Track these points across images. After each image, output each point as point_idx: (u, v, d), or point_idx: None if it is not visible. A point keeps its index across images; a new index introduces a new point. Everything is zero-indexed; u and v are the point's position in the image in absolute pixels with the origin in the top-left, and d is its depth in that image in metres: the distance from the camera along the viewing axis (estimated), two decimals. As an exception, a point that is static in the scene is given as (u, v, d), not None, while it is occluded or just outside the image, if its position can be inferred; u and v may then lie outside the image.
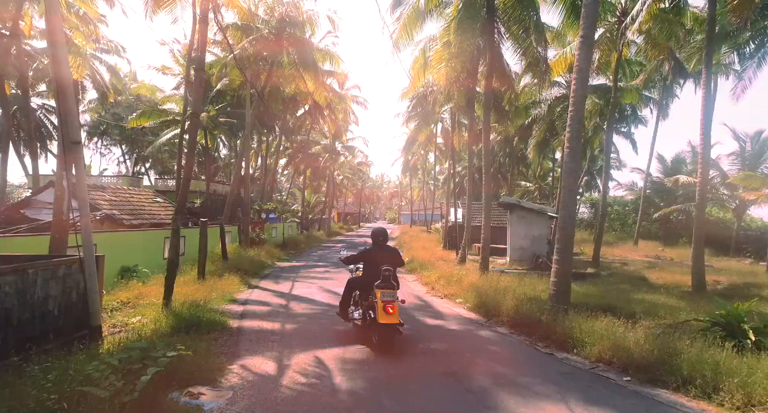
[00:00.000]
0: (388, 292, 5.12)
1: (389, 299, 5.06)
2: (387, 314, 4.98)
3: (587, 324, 5.48)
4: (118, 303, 7.64)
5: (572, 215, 6.88)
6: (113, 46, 28.38)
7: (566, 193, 6.91)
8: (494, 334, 6.18)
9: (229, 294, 8.28)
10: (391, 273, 5.32)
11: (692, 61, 17.37)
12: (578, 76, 6.85)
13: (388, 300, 5.04)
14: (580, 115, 6.81)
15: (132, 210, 14.64)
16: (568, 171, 6.87)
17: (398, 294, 5.33)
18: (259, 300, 8.08)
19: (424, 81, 20.70)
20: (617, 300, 8.73)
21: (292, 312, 7.08)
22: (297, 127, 32.65)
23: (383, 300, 5.02)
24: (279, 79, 20.83)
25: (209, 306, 7.07)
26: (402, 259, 6.20)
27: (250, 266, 12.30)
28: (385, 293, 5.10)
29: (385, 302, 5.01)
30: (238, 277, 10.11)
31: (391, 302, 5.04)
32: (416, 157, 44.89)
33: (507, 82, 16.82)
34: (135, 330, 5.91)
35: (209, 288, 8.47)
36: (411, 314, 7.35)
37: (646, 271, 14.85)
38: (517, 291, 9.11)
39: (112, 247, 9.55)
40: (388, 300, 5.05)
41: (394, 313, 5.01)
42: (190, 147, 13.85)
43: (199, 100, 14.07)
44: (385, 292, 5.11)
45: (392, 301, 5.07)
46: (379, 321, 4.98)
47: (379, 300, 5.03)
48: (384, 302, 5.01)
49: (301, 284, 10.27)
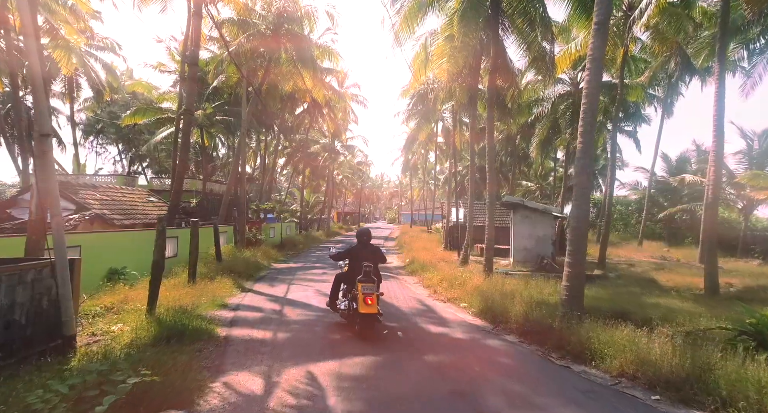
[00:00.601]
0: (368, 286, 5.64)
1: (369, 292, 5.58)
2: (366, 305, 5.52)
3: (606, 333, 5.03)
4: (101, 308, 7.19)
5: (586, 215, 6.43)
6: (108, 44, 27.99)
7: (579, 191, 6.45)
8: (503, 344, 5.72)
9: (219, 299, 7.82)
10: (371, 269, 5.82)
11: (700, 57, 16.92)
12: (592, 66, 6.39)
13: (367, 293, 5.56)
14: (593, 107, 6.35)
15: (124, 209, 14.19)
16: (581, 167, 6.41)
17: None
18: (252, 305, 7.61)
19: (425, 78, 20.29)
20: (630, 305, 8.29)
21: (286, 319, 6.61)
22: (296, 126, 32.20)
23: (363, 293, 5.55)
24: (277, 76, 20.39)
25: (197, 313, 6.62)
26: (384, 256, 6.68)
27: (245, 268, 11.84)
28: (365, 286, 5.62)
29: (365, 294, 5.54)
30: (231, 280, 9.66)
31: (370, 294, 5.57)
32: (416, 156, 44.45)
33: (510, 79, 16.40)
34: (115, 339, 5.47)
35: (199, 292, 8.02)
36: (413, 320, 6.90)
37: (654, 273, 14.41)
38: (524, 295, 8.69)
39: (99, 248, 9.10)
40: (368, 292, 5.57)
41: (372, 304, 5.55)
42: (183, 144, 13.47)
43: (192, 96, 13.67)
44: (365, 286, 5.62)
45: (371, 294, 5.59)
46: (360, 311, 5.51)
47: (360, 293, 5.55)
48: (364, 294, 5.54)
49: (297, 287, 9.81)
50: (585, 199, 6.46)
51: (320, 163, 38.40)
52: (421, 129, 28.52)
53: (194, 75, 12.92)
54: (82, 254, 8.47)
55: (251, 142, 35.06)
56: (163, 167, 32.04)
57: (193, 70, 12.85)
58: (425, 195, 52.25)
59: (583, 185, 6.42)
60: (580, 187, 6.43)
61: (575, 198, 6.47)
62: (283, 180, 48.05)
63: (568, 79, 21.13)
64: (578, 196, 6.45)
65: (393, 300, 8.72)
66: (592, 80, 6.35)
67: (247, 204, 24.13)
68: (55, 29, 12.64)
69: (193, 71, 12.82)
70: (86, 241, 8.74)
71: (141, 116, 20.22)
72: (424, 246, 20.17)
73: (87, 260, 8.62)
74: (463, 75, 15.80)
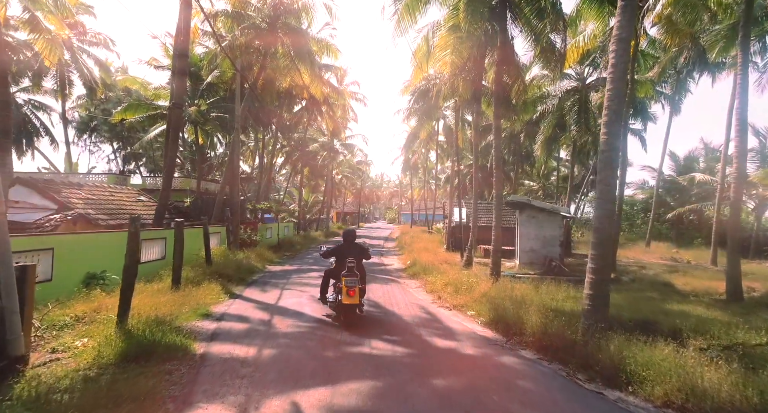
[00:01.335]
0: (350, 279, 6.23)
1: (351, 285, 6.17)
2: (349, 297, 6.15)
3: (644, 353, 4.32)
4: (71, 318, 6.48)
5: (611, 214, 5.73)
6: (102, 39, 27.29)
7: (603, 188, 5.75)
8: (521, 362, 5.02)
9: (203, 307, 7.11)
10: (355, 264, 6.52)
11: (713, 51, 16.21)
12: (618, 48, 5.69)
13: (350, 286, 6.17)
14: (620, 94, 5.65)
15: (111, 209, 13.49)
16: (605, 161, 5.71)
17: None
18: (238, 314, 6.90)
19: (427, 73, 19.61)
20: (653, 313, 7.60)
21: (274, 331, 5.90)
22: (294, 124, 31.50)
23: (346, 286, 6.17)
24: (274, 72, 19.69)
25: (175, 324, 5.92)
26: (368, 253, 7.23)
27: (236, 271, 11.15)
28: (348, 280, 6.22)
29: (348, 287, 6.16)
30: (220, 285, 8.95)
31: (352, 287, 6.17)
32: (417, 155, 43.74)
33: (516, 73, 15.70)
34: (77, 357, 4.78)
35: (182, 299, 7.32)
36: (417, 332, 6.19)
37: (668, 276, 13.70)
38: (535, 301, 8.00)
39: (76, 251, 8.39)
40: (350, 285, 6.17)
41: (354, 296, 6.17)
42: (172, 140, 12.74)
43: (181, 90, 12.95)
44: (348, 279, 6.23)
45: (354, 286, 6.18)
46: (343, 302, 6.17)
47: (344, 286, 6.18)
48: (347, 287, 6.16)
49: (291, 293, 9.10)
50: (609, 196, 5.76)
51: (319, 162, 37.71)
52: (422, 127, 27.83)
53: (183, 68, 12.22)
54: (55, 258, 7.79)
55: (249, 141, 34.42)
56: (158, 165, 31.30)
57: (183, 63, 12.15)
58: (426, 195, 51.55)
59: (607, 181, 5.72)
60: (604, 183, 5.73)
61: (599, 195, 5.78)
62: (283, 180, 47.29)
63: (575, 74, 20.43)
64: (602, 192, 5.75)
65: (394, 307, 8.02)
66: (618, 63, 5.64)
67: (243, 204, 23.45)
68: (36, 19, 11.91)
69: (183, 64, 12.12)
70: (61, 243, 8.04)
71: (133, 112, 19.51)
72: (425, 247, 19.46)
73: (61, 264, 7.93)
74: (467, 68, 15.11)
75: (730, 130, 19.79)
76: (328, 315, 6.84)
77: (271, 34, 18.06)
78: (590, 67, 20.05)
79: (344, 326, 6.17)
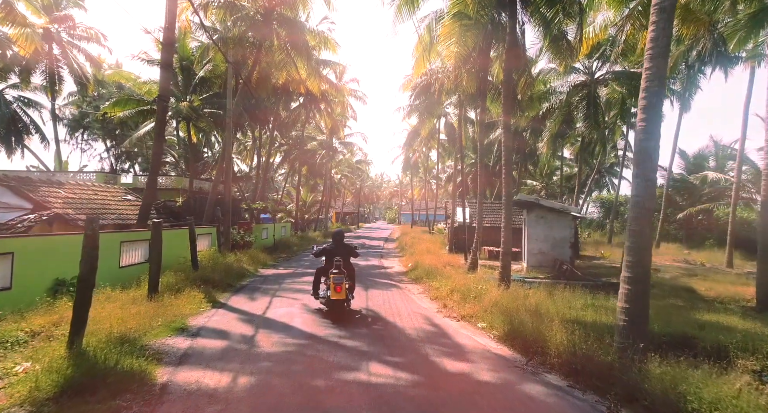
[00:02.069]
0: (337, 277, 6.78)
1: (338, 281, 6.72)
2: (336, 292, 6.70)
3: (709, 387, 3.47)
4: (26, 333, 5.65)
5: (648, 214, 4.90)
6: (93, 34, 26.42)
7: (641, 184, 4.91)
8: (549, 392, 4.18)
9: (180, 319, 6.27)
10: (341, 262, 7.07)
11: (733, 41, 15.37)
12: (659, 19, 4.85)
13: (337, 283, 6.71)
14: (661, 73, 4.82)
15: (93, 209, 12.66)
16: (644, 152, 4.88)
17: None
18: (218, 328, 6.06)
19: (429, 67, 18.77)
20: (685, 324, 6.77)
21: (256, 351, 5.05)
22: (291, 122, 30.65)
23: (334, 283, 6.72)
24: (269, 66, 18.84)
25: (141, 342, 5.10)
26: (356, 252, 7.75)
27: (225, 276, 10.31)
28: (335, 277, 6.77)
29: (335, 284, 6.70)
30: (203, 292, 8.12)
31: (339, 283, 6.72)
32: (417, 154, 42.93)
33: (523, 65, 14.92)
34: (14, 386, 3.94)
35: (157, 310, 6.48)
36: (422, 351, 5.35)
37: (687, 280, 12.88)
38: (552, 310, 7.19)
39: (43, 255, 7.55)
40: (338, 282, 6.72)
41: (341, 292, 6.72)
42: (157, 134, 11.91)
43: (167, 82, 12.07)
44: (335, 277, 6.78)
45: (341, 283, 6.73)
46: (331, 298, 6.73)
47: (332, 283, 6.74)
48: (335, 284, 6.71)
49: (282, 301, 8.26)
50: (649, 193, 4.92)
51: (317, 161, 36.88)
52: (423, 124, 27.01)
53: (169, 59, 11.40)
54: (16, 263, 6.95)
55: (247, 140, 33.56)
56: (151, 164, 30.49)
57: (169, 54, 11.33)
58: (426, 194, 50.68)
59: (646, 175, 4.88)
60: (642, 177, 4.90)
61: (636, 192, 4.95)
62: (281, 179, 46.47)
63: (583, 69, 19.60)
64: (640, 189, 4.91)
65: (395, 317, 7.18)
66: (659, 37, 4.81)
67: (237, 203, 22.62)
68: (10, 5, 11.09)
69: (168, 54, 11.30)
70: (23, 247, 7.19)
71: (122, 107, 18.66)
72: (427, 248, 18.62)
73: (23, 270, 7.09)
74: (471, 59, 14.30)
75: (746, 127, 18.99)
76: (319, 309, 7.37)
77: (266, 26, 17.23)
78: (599, 60, 19.23)
79: (333, 319, 6.72)
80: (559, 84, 20.35)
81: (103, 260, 9.24)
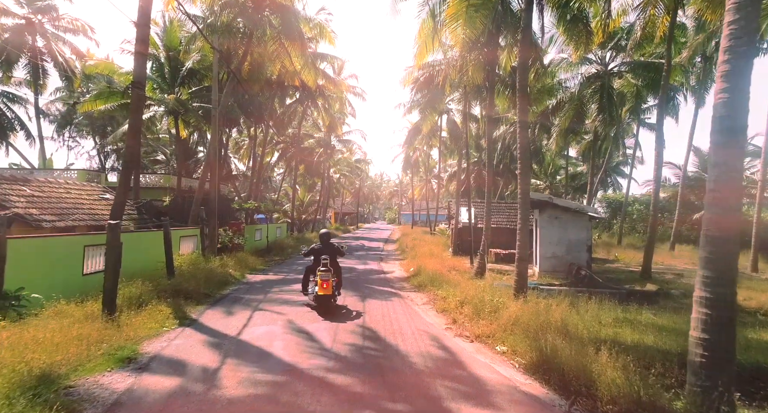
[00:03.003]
0: (324, 274, 7.27)
1: (325, 278, 7.25)
2: (323, 288, 7.24)
3: None
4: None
5: (735, 214, 3.73)
6: (79, 26, 25.23)
7: (722, 175, 3.73)
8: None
9: (131, 345, 5.08)
10: (329, 260, 7.52)
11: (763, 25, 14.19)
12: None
13: (324, 279, 7.25)
14: (750, 27, 3.64)
15: (62, 209, 11.47)
16: (727, 131, 3.70)
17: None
18: (176, 357, 4.86)
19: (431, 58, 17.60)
20: (750, 349, 5.58)
21: (215, 396, 3.82)
22: (288, 118, 29.47)
23: (321, 279, 7.25)
24: (261, 57, 17.66)
25: (68, 382, 3.91)
26: (342, 251, 8.27)
27: (205, 284, 9.12)
28: (322, 274, 7.27)
29: (322, 280, 7.25)
30: (172, 306, 6.94)
31: (326, 280, 7.25)
32: (418, 152, 41.75)
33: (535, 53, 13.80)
34: None
35: (106, 332, 5.30)
36: (433, 390, 4.14)
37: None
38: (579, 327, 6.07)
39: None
40: (324, 279, 7.25)
41: (327, 288, 7.26)
42: (132, 126, 10.68)
43: (142, 67, 10.79)
44: (322, 274, 7.28)
45: (327, 280, 7.25)
46: (318, 293, 7.27)
47: (319, 280, 7.27)
48: (321, 280, 7.25)
49: (264, 316, 7.08)
50: (734, 187, 3.74)
51: (315, 159, 35.70)
52: (425, 120, 25.79)
53: (144, 37, 10.15)
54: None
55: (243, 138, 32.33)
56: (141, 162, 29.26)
57: (142, 31, 10.08)
58: (427, 194, 49.46)
59: (731, 163, 3.70)
60: (725, 166, 3.72)
61: (714, 187, 3.77)
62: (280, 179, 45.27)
63: (596, 59, 18.42)
64: (721, 182, 3.74)
65: (397, 338, 6.01)
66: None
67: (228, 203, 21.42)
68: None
69: (143, 32, 10.05)
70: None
71: (104, 101, 17.47)
72: (429, 250, 17.42)
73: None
74: (479, 45, 13.14)
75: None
76: (308, 305, 7.76)
77: (257, 13, 16.07)
78: (612, 51, 18.05)
79: (321, 314, 7.18)
80: (570, 76, 19.19)
81: (62, 268, 8.07)
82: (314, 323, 6.59)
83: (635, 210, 31.64)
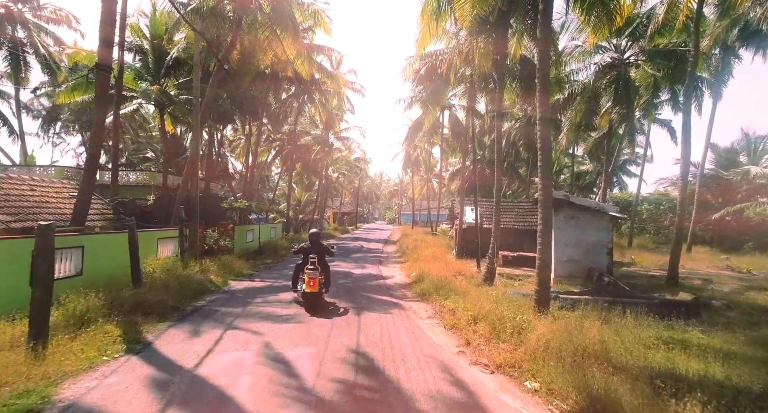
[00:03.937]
0: (311, 272, 7.50)
1: (312, 276, 7.47)
2: (310, 286, 7.46)
3: None
4: None
5: None
6: (63, 16, 24.02)
7: None
8: None
9: (44, 387, 3.84)
10: (317, 259, 7.86)
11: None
12: None
13: (311, 277, 7.47)
14: None
15: (23, 208, 10.22)
16: None
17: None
18: (98, 407, 3.61)
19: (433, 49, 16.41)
20: None
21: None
22: (283, 113, 28.18)
23: (308, 277, 7.49)
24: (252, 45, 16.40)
25: None
26: (330, 251, 8.77)
27: (174, 295, 7.88)
28: (310, 272, 7.51)
29: (309, 278, 7.47)
30: (123, 326, 5.67)
31: (313, 278, 7.47)
32: (419, 150, 40.50)
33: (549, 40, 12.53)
34: None
35: (18, 366, 4.05)
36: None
37: (756, 295, 10.43)
38: (623, 353, 4.88)
39: None
40: (312, 277, 7.47)
41: (314, 285, 7.48)
42: (98, 114, 9.49)
43: (108, 47, 9.55)
44: (310, 272, 7.51)
45: (314, 278, 7.48)
46: (305, 290, 7.51)
47: (306, 278, 7.53)
48: (308, 278, 7.48)
49: (236, 337, 5.82)
50: None
51: (312, 157, 34.40)
52: (426, 115, 24.46)
53: (110, 11, 8.93)
54: None
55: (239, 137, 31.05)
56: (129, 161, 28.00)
57: (109, 5, 8.87)
58: (428, 193, 48.18)
59: None
60: None
61: None
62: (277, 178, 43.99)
63: (611, 48, 17.16)
64: None
65: (399, 367, 4.78)
66: None
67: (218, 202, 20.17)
68: None
69: (108, 6, 8.84)
70: None
71: (82, 91, 16.23)
72: (432, 253, 16.16)
73: None
74: (488, 26, 11.90)
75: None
76: (297, 301, 8.15)
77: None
78: (629, 38, 16.78)
79: (308, 310, 7.39)
80: (581, 66, 17.93)
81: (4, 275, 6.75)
82: (296, 348, 5.33)
83: (644, 209, 30.39)
